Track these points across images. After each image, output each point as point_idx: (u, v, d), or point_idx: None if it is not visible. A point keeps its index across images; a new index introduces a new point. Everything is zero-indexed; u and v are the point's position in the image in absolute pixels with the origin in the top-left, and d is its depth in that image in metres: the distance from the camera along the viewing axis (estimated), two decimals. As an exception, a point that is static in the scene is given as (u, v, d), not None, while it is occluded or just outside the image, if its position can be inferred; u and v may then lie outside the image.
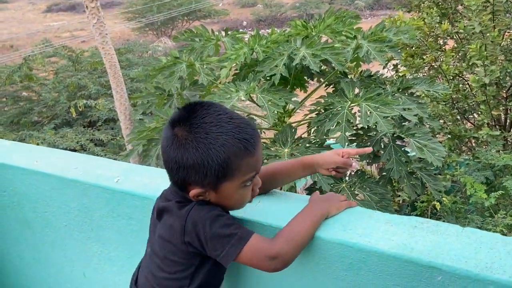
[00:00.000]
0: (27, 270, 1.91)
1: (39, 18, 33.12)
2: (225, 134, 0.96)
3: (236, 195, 1.03)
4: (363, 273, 1.01)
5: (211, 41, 2.88)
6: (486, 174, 3.47)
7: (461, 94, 3.95)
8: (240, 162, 0.97)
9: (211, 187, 0.99)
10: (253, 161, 1.00)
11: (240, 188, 1.01)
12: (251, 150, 0.98)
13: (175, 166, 0.98)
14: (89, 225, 1.54)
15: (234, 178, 0.99)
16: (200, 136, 0.96)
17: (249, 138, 0.98)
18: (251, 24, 25.18)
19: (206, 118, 0.98)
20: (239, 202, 1.06)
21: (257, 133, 1.02)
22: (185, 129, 0.97)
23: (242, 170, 0.99)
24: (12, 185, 1.71)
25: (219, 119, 0.98)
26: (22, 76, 8.19)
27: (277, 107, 2.31)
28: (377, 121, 2.17)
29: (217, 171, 0.96)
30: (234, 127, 0.97)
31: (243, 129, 0.99)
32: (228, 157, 0.96)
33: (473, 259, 0.91)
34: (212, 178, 0.97)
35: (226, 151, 0.95)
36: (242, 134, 0.98)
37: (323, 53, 2.41)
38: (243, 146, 0.97)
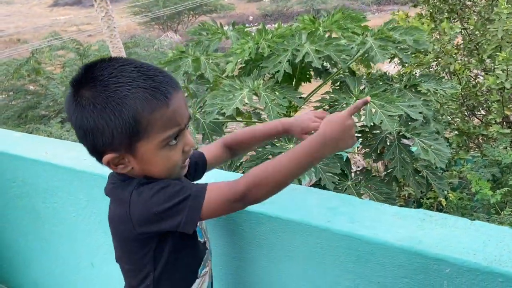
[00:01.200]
0: (35, 260, 1.93)
1: (45, 12, 33.23)
2: (127, 84, 0.81)
3: (159, 157, 0.87)
4: (371, 265, 1.02)
5: (217, 35, 2.87)
6: (493, 171, 3.46)
7: (471, 91, 3.92)
8: (151, 116, 0.82)
9: (125, 149, 0.85)
10: (169, 113, 0.84)
11: (162, 148, 0.86)
12: (162, 99, 0.83)
13: (81, 132, 0.85)
14: (97, 216, 1.56)
15: (149, 136, 0.84)
16: (96, 90, 0.82)
17: (159, 85, 0.83)
18: (257, 19, 25.13)
19: (106, 70, 0.83)
20: (166, 166, 0.89)
21: (171, 80, 0.87)
22: (83, 88, 0.84)
23: (157, 126, 0.84)
24: (21, 176, 1.73)
25: (121, 69, 0.83)
26: (30, 70, 8.24)
27: (281, 108, 2.30)
28: (381, 119, 2.16)
29: (125, 129, 0.82)
30: (139, 76, 0.83)
31: (151, 76, 0.84)
32: (133, 110, 0.81)
33: (481, 252, 0.91)
34: (122, 138, 0.83)
35: (130, 103, 0.81)
36: (149, 82, 0.83)
37: (327, 49, 2.40)
38: (150, 95, 0.82)
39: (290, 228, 1.12)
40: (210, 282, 1.09)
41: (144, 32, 22.25)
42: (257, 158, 2.41)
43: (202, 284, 1.04)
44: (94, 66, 0.86)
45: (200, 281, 1.03)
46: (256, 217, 1.15)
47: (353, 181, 2.50)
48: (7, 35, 25.82)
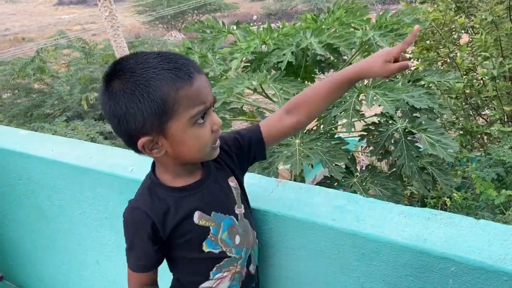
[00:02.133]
0: (41, 257, 1.94)
1: (50, 11, 33.35)
2: (152, 68, 0.87)
3: (189, 136, 0.90)
4: (376, 263, 1.02)
5: (222, 33, 2.88)
6: (497, 170, 3.44)
7: (474, 89, 3.91)
8: (177, 95, 0.87)
9: (157, 131, 0.89)
10: (193, 91, 0.88)
11: (191, 126, 0.90)
12: (185, 78, 0.87)
13: (115, 120, 0.89)
14: (103, 214, 1.57)
15: (178, 115, 0.88)
16: (125, 78, 0.87)
17: (180, 66, 0.88)
18: (261, 18, 25.09)
19: (132, 60, 0.89)
20: (197, 146, 0.93)
21: (193, 63, 0.91)
22: (113, 80, 0.89)
23: (184, 104, 0.88)
24: (28, 174, 1.74)
25: (145, 58, 0.89)
26: (35, 69, 8.26)
27: (289, 95, 2.31)
28: (382, 104, 2.16)
29: (153, 108, 0.86)
30: (162, 60, 0.88)
31: (173, 59, 0.89)
32: (160, 90, 0.86)
33: (486, 250, 0.91)
34: (153, 119, 0.87)
35: (156, 84, 0.86)
36: (171, 64, 0.88)
37: (330, 39, 2.41)
38: (174, 75, 0.87)
39: (295, 226, 1.12)
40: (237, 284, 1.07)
41: (148, 31, 22.29)
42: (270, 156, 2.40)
43: (218, 285, 1.05)
44: (121, 60, 0.91)
45: (214, 282, 1.04)
46: (262, 215, 1.16)
47: (359, 177, 2.50)
48: (12, 34, 25.93)
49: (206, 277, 1.04)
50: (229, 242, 1.03)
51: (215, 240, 1.01)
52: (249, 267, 1.09)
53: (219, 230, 1.01)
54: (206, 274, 1.03)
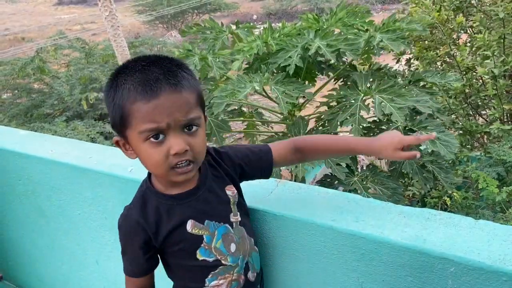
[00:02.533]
0: (41, 257, 1.95)
1: (50, 11, 33.35)
2: (129, 73, 0.89)
3: (142, 151, 0.91)
4: (375, 263, 1.02)
5: (223, 33, 2.88)
6: (497, 170, 3.44)
7: (474, 88, 3.91)
8: (131, 106, 0.87)
9: (122, 135, 0.94)
10: (147, 108, 0.86)
11: (143, 142, 0.89)
12: (143, 93, 0.86)
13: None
14: (102, 214, 1.57)
15: (131, 125, 0.89)
16: (113, 74, 0.92)
17: (150, 80, 0.86)
18: (261, 18, 25.09)
19: (138, 61, 0.91)
20: (149, 163, 0.94)
21: (173, 79, 0.88)
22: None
23: (136, 117, 0.88)
24: (27, 174, 1.74)
25: (136, 62, 0.91)
26: (35, 69, 8.26)
27: (291, 98, 2.31)
28: (391, 111, 2.17)
29: (116, 113, 0.90)
30: (142, 67, 0.88)
31: (151, 71, 0.87)
32: (120, 98, 0.88)
33: (486, 251, 0.91)
34: (116, 122, 0.92)
35: (121, 91, 0.88)
36: (143, 75, 0.87)
37: (339, 44, 2.41)
38: (134, 87, 0.86)
39: (295, 226, 1.12)
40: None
41: (148, 31, 22.29)
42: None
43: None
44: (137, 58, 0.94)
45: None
46: (261, 215, 1.16)
47: (360, 176, 2.51)
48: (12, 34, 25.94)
49: (202, 284, 1.03)
50: (223, 250, 1.02)
51: (209, 249, 1.01)
52: (247, 275, 1.07)
53: (213, 239, 1.01)
54: (202, 281, 1.03)
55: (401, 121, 2.15)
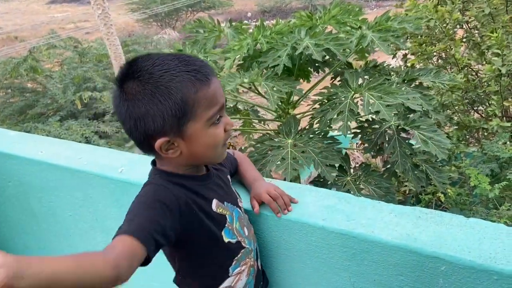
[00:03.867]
0: (33, 259, 1.93)
1: (43, 10, 33.12)
2: (171, 69, 0.88)
3: (206, 136, 0.92)
4: (366, 263, 1.02)
5: (214, 33, 2.86)
6: (491, 166, 3.45)
7: (471, 84, 3.90)
8: (196, 96, 0.88)
9: (175, 132, 0.90)
10: (210, 92, 0.90)
11: (209, 127, 0.92)
12: (203, 79, 0.89)
13: (131, 122, 0.89)
14: (93, 215, 1.55)
15: (196, 116, 0.90)
16: (144, 79, 0.87)
17: (198, 68, 0.90)
18: (256, 15, 25.04)
19: (148, 62, 0.89)
20: (213, 145, 0.94)
21: (208, 66, 0.94)
22: (129, 81, 0.89)
23: (202, 105, 0.90)
24: (17, 175, 1.72)
25: (162, 59, 0.90)
26: (28, 68, 8.20)
27: (281, 93, 2.29)
28: (379, 109, 2.16)
29: (174, 110, 0.87)
30: (180, 62, 0.90)
31: (190, 61, 0.91)
32: (180, 91, 0.87)
33: (476, 249, 0.90)
34: (172, 120, 0.88)
35: (176, 86, 0.87)
36: (189, 66, 0.89)
37: (327, 43, 2.39)
38: (193, 77, 0.88)
39: (286, 226, 1.11)
40: (252, 280, 1.08)
41: (142, 30, 22.18)
42: (256, 153, 2.40)
43: (237, 282, 1.04)
44: (135, 60, 0.91)
45: (234, 279, 1.03)
46: (253, 216, 1.15)
47: (353, 176, 2.50)
48: (4, 33, 25.74)
49: (226, 275, 1.03)
50: (241, 232, 1.05)
51: (232, 229, 1.02)
52: (257, 262, 1.12)
53: (233, 219, 1.03)
54: (226, 270, 1.02)
55: (389, 119, 2.14)
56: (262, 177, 1.23)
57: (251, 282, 1.08)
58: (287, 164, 2.18)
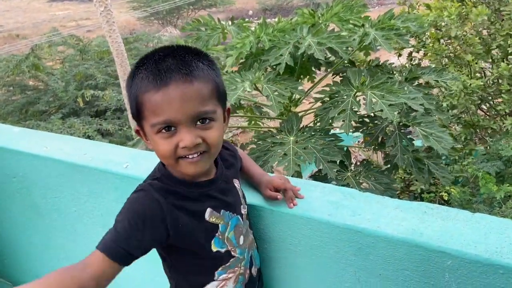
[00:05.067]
0: (37, 254, 1.93)
1: (44, 8, 33.11)
2: (143, 63, 0.88)
3: (154, 142, 0.90)
4: (372, 257, 1.02)
5: (217, 30, 2.85)
6: (496, 164, 3.44)
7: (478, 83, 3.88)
8: (142, 96, 0.86)
9: (138, 123, 0.93)
10: (155, 99, 0.84)
11: (155, 133, 0.88)
12: (154, 83, 0.83)
13: None
14: (98, 211, 1.56)
15: (145, 116, 0.88)
16: (134, 65, 0.91)
17: (162, 70, 0.84)
18: (257, 13, 25.01)
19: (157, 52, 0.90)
20: (159, 153, 0.91)
21: (187, 71, 0.84)
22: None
23: (147, 107, 0.86)
24: (22, 171, 1.72)
25: (156, 53, 0.89)
26: (30, 66, 8.21)
27: (283, 97, 2.29)
28: (382, 108, 2.16)
29: (131, 102, 0.90)
30: (157, 56, 0.87)
31: (165, 62, 0.85)
32: (135, 87, 0.87)
33: (482, 244, 0.90)
34: (133, 111, 0.91)
35: (136, 81, 0.87)
36: (157, 65, 0.85)
37: (329, 42, 2.39)
38: (146, 77, 0.85)
39: (291, 221, 1.11)
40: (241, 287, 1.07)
41: (143, 27, 22.18)
42: (258, 150, 2.40)
43: (222, 287, 1.03)
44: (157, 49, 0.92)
45: (218, 284, 1.03)
46: (258, 211, 1.15)
47: (353, 172, 2.50)
48: (6, 31, 25.75)
49: (211, 277, 1.02)
50: (234, 241, 1.03)
51: (222, 239, 1.00)
52: (251, 269, 1.09)
53: (227, 229, 1.01)
54: (211, 274, 1.02)
55: (392, 118, 2.14)
56: (266, 173, 1.22)
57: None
58: (289, 160, 2.18)
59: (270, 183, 1.14)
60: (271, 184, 1.13)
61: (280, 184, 1.13)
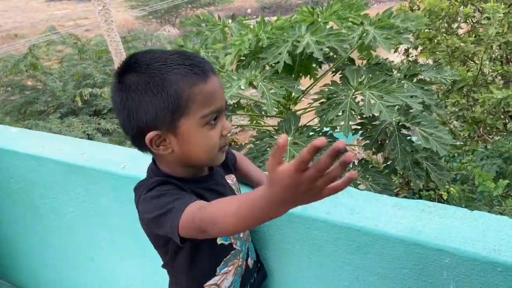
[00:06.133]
0: (35, 255, 1.93)
1: (42, 7, 33.05)
2: (169, 62, 0.86)
3: (199, 136, 0.88)
4: (370, 256, 1.01)
5: (218, 27, 2.85)
6: (497, 162, 3.44)
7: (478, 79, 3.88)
8: (190, 90, 0.85)
9: (167, 127, 0.87)
10: (207, 90, 0.86)
11: (202, 126, 0.87)
12: (201, 75, 0.86)
13: (125, 112, 0.87)
14: (96, 211, 1.55)
15: (190, 112, 0.85)
16: (140, 70, 0.86)
17: (197, 63, 0.87)
18: (256, 12, 24.98)
19: (148, 55, 0.88)
20: (206, 147, 0.90)
21: (209, 63, 0.90)
22: (127, 74, 0.87)
23: (197, 101, 0.85)
24: (19, 172, 1.72)
25: (162, 53, 0.89)
26: (28, 65, 8.19)
27: (278, 96, 2.28)
28: (380, 110, 2.15)
29: (167, 102, 0.84)
30: (179, 56, 0.88)
31: (190, 56, 0.89)
32: (175, 83, 0.84)
33: (480, 241, 0.90)
34: (164, 113, 0.85)
35: (171, 78, 0.84)
36: (188, 60, 0.87)
37: (327, 40, 2.38)
38: (190, 70, 0.85)
39: (289, 220, 1.11)
40: (238, 279, 1.08)
41: (141, 26, 22.13)
42: (255, 151, 2.40)
43: (223, 281, 1.04)
44: (136, 55, 0.90)
45: (220, 278, 1.04)
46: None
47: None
48: (4, 31, 25.69)
49: (213, 273, 1.03)
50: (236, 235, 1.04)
51: None
52: (247, 261, 1.10)
53: None
54: (214, 269, 1.03)
55: (390, 120, 2.13)
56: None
57: (237, 281, 1.08)
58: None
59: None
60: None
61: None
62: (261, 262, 1.21)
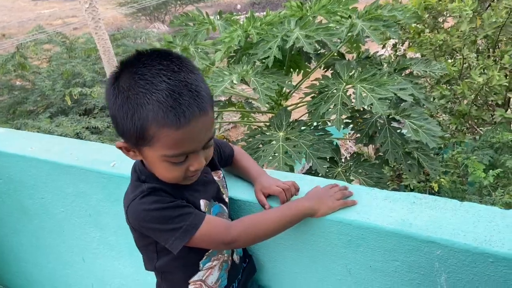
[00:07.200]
0: (27, 256, 1.91)
1: (29, 6, 32.60)
2: (150, 93, 0.80)
3: (161, 166, 0.89)
4: (362, 249, 1.02)
5: (205, 25, 2.82)
6: (488, 153, 3.47)
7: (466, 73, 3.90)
8: (158, 130, 0.82)
9: (133, 146, 0.89)
10: (176, 136, 0.82)
11: (163, 161, 0.88)
12: (173, 120, 0.80)
13: (109, 112, 0.90)
14: (86, 211, 1.54)
15: (153, 146, 0.85)
16: (123, 86, 0.83)
17: (178, 106, 0.80)
18: (245, 7, 24.88)
19: (145, 69, 0.83)
20: (166, 176, 0.92)
21: (199, 101, 0.83)
22: (122, 77, 0.85)
23: (162, 142, 0.83)
24: (8, 172, 1.69)
25: (155, 74, 0.82)
26: (16, 65, 8.09)
27: (270, 90, 2.27)
28: (372, 102, 2.15)
29: (133, 131, 0.84)
30: (166, 88, 0.80)
31: (176, 94, 0.81)
32: (144, 119, 0.81)
33: (471, 232, 0.90)
34: (130, 137, 0.86)
35: (143, 111, 0.81)
36: (169, 100, 0.80)
37: (317, 34, 2.37)
38: (163, 112, 0.80)
39: (281, 215, 1.10)
40: (224, 274, 1.09)
41: (131, 24, 21.94)
42: (248, 148, 2.39)
43: (208, 276, 1.06)
44: (139, 58, 0.86)
45: (205, 273, 1.05)
46: (246, 205, 1.15)
47: (343, 167, 2.50)
48: (-9, 30, 25.30)
49: (196, 268, 1.04)
50: None
51: None
52: (233, 256, 1.11)
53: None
54: (197, 264, 1.04)
55: (382, 112, 2.14)
56: (265, 172, 1.19)
57: (223, 276, 1.09)
58: (278, 159, 2.17)
59: (266, 189, 1.10)
60: (267, 191, 1.10)
61: (276, 192, 1.08)
62: (249, 257, 1.21)
